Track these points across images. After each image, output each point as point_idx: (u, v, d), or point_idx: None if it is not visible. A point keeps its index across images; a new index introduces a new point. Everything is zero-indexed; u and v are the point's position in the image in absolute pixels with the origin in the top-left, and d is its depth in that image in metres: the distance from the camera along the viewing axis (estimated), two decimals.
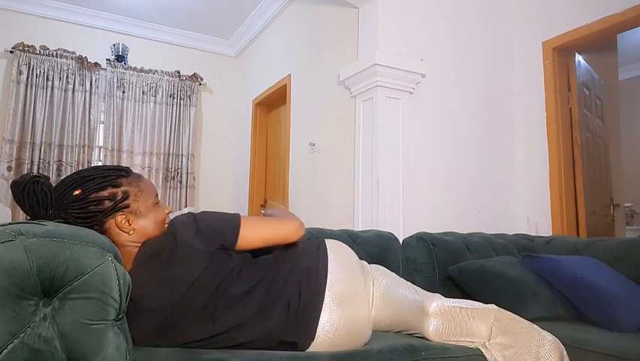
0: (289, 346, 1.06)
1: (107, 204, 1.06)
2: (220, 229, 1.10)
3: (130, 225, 1.08)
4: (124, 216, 1.08)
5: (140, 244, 1.09)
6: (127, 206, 1.08)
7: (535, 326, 1.14)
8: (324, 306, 1.08)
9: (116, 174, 1.11)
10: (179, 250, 1.04)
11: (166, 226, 1.15)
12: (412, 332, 1.28)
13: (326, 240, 1.31)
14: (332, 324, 1.07)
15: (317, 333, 1.06)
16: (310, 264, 1.16)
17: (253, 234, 1.14)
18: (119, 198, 1.07)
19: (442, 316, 1.19)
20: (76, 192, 1.04)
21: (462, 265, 1.83)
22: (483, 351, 1.14)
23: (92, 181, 1.06)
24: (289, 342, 1.06)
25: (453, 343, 1.18)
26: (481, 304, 1.22)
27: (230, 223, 1.12)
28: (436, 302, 1.21)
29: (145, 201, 1.12)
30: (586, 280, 1.58)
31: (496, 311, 1.17)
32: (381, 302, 1.27)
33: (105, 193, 1.06)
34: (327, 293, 1.10)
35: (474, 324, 1.17)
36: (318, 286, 1.11)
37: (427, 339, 1.20)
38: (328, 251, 1.22)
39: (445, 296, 1.33)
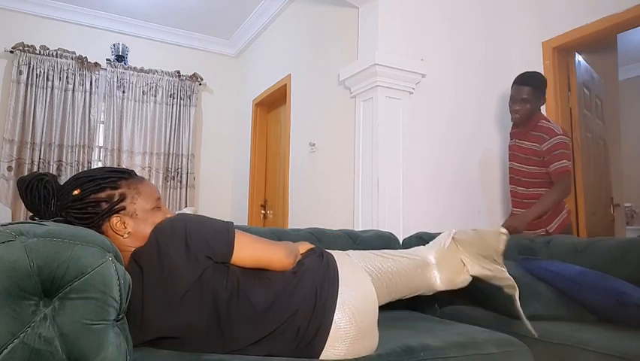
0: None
1: (104, 206, 1.04)
2: (213, 242, 1.05)
3: (125, 227, 1.05)
4: (119, 218, 1.05)
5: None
6: (123, 208, 1.06)
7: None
8: (334, 342, 1.06)
9: (117, 176, 1.09)
10: (163, 266, 1.00)
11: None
12: (412, 295, 1.44)
13: (335, 256, 1.25)
14: (337, 353, 1.06)
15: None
16: (320, 301, 1.09)
17: (246, 252, 1.09)
18: (116, 200, 1.05)
19: (439, 265, 1.44)
20: (76, 192, 1.03)
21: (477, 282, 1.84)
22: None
23: (92, 182, 1.05)
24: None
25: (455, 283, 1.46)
26: (441, 238, 1.52)
27: (224, 237, 1.07)
28: (432, 255, 1.45)
29: (143, 205, 1.09)
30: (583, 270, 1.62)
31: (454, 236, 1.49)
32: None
33: (103, 195, 1.05)
34: (334, 330, 1.06)
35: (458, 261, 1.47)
36: (324, 320, 1.06)
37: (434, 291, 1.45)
38: (340, 276, 1.16)
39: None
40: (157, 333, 1.01)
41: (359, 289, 1.15)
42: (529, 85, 2.40)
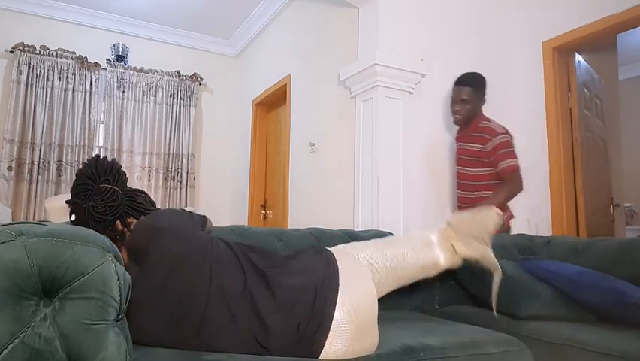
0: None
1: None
2: (193, 215, 1.27)
3: None
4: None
5: None
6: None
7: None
8: (334, 339, 1.05)
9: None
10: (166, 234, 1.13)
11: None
12: (421, 277, 1.46)
13: (335, 253, 1.25)
14: (337, 350, 1.05)
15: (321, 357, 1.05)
16: (321, 300, 1.08)
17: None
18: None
19: (440, 244, 1.46)
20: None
21: (465, 262, 1.84)
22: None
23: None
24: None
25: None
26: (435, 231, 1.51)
27: (193, 214, 1.29)
28: (443, 260, 1.46)
29: None
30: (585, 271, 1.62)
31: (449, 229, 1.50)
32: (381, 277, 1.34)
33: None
34: (334, 328, 1.05)
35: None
36: (324, 318, 1.06)
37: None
38: (339, 273, 1.15)
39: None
40: (161, 295, 1.05)
41: (359, 286, 1.15)
42: (469, 85, 2.40)
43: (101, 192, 1.15)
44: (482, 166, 2.35)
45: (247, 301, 1.06)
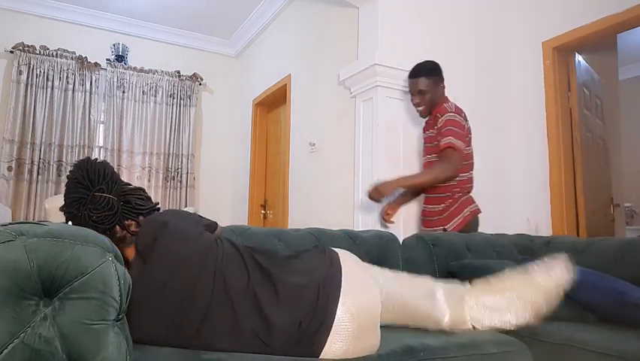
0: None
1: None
2: (198, 217, 1.28)
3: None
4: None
5: None
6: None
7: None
8: (335, 338, 1.04)
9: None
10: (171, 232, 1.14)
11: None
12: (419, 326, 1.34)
13: (338, 252, 1.24)
14: (338, 349, 1.05)
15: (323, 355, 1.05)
16: (323, 298, 1.08)
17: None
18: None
19: (449, 301, 1.34)
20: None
21: (465, 262, 1.83)
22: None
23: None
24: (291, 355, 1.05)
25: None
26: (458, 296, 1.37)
27: (200, 218, 1.29)
28: (447, 318, 1.32)
29: None
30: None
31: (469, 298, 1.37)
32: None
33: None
34: (335, 326, 1.05)
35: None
36: (326, 316, 1.05)
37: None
38: (342, 272, 1.15)
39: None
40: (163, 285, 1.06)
41: (361, 286, 1.15)
42: (421, 75, 2.28)
43: (95, 202, 1.13)
44: (435, 152, 2.22)
45: (250, 298, 1.06)
